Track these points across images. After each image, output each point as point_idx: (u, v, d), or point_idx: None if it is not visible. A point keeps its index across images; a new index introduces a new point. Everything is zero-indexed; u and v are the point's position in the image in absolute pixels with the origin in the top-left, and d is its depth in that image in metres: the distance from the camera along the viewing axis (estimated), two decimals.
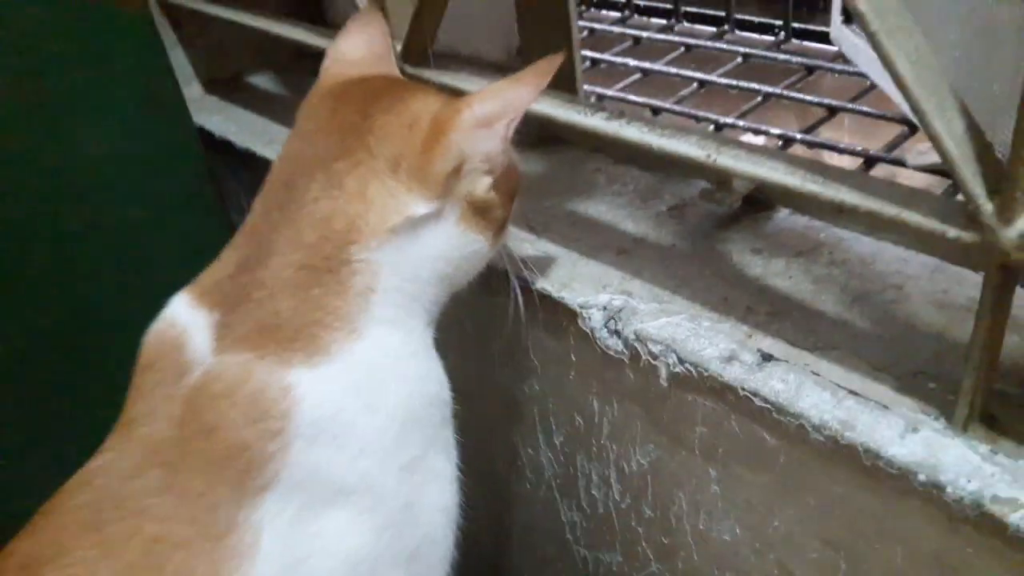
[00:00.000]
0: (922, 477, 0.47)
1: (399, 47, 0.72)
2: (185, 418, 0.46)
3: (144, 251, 0.80)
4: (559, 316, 0.66)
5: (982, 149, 0.42)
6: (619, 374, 0.64)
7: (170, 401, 0.47)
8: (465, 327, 0.76)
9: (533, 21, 0.82)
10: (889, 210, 0.46)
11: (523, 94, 0.51)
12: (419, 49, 0.70)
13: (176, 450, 0.46)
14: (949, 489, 0.46)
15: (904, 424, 0.50)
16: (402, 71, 0.70)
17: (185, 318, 0.50)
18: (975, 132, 0.42)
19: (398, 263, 0.51)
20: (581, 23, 1.38)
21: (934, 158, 0.72)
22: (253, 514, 0.46)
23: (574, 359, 0.68)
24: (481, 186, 0.53)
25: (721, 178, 0.70)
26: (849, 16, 0.92)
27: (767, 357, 0.56)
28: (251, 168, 0.96)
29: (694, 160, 0.54)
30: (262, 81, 1.14)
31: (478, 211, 0.54)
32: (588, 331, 0.64)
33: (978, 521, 0.45)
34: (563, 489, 0.79)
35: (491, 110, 0.50)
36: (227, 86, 1.10)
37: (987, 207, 0.41)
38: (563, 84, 0.81)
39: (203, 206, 0.83)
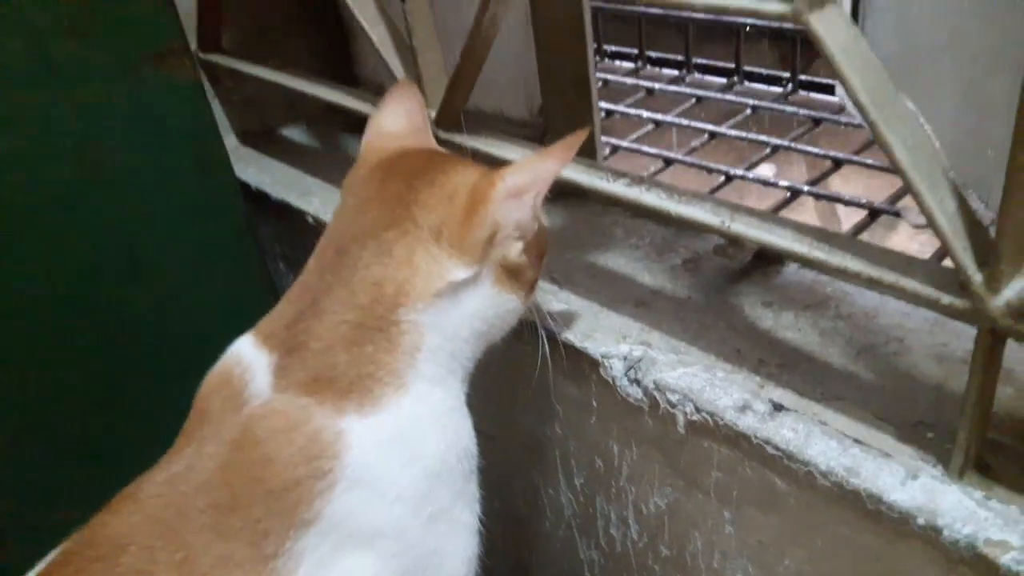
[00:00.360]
0: (921, 521, 0.51)
1: (433, 114, 0.77)
2: (244, 442, 0.51)
3: (189, 296, 0.85)
4: (582, 365, 0.71)
5: (972, 225, 0.47)
6: (638, 420, 0.68)
7: (232, 426, 0.52)
8: (491, 372, 0.80)
9: (555, 83, 0.87)
10: (888, 277, 0.50)
11: (551, 167, 0.56)
12: (451, 116, 0.76)
13: (239, 477, 0.51)
14: (946, 532, 0.50)
15: (904, 471, 0.54)
16: (436, 136, 0.75)
17: (249, 356, 0.56)
18: (965, 209, 0.47)
19: (441, 324, 0.56)
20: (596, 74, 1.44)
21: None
22: (296, 545, 0.51)
23: (595, 405, 0.72)
24: (514, 251, 0.58)
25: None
26: None
27: (778, 407, 0.61)
28: (285, 218, 1.01)
29: (709, 226, 0.59)
30: (293, 134, 1.20)
31: (511, 273, 0.59)
32: (609, 379, 0.69)
33: (973, 562, 0.49)
34: (582, 528, 0.83)
35: (522, 182, 0.56)
36: (260, 138, 1.16)
37: (976, 278, 0.46)
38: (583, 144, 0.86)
39: (244, 255, 0.88)
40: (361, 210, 0.58)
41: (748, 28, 1.35)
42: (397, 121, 0.67)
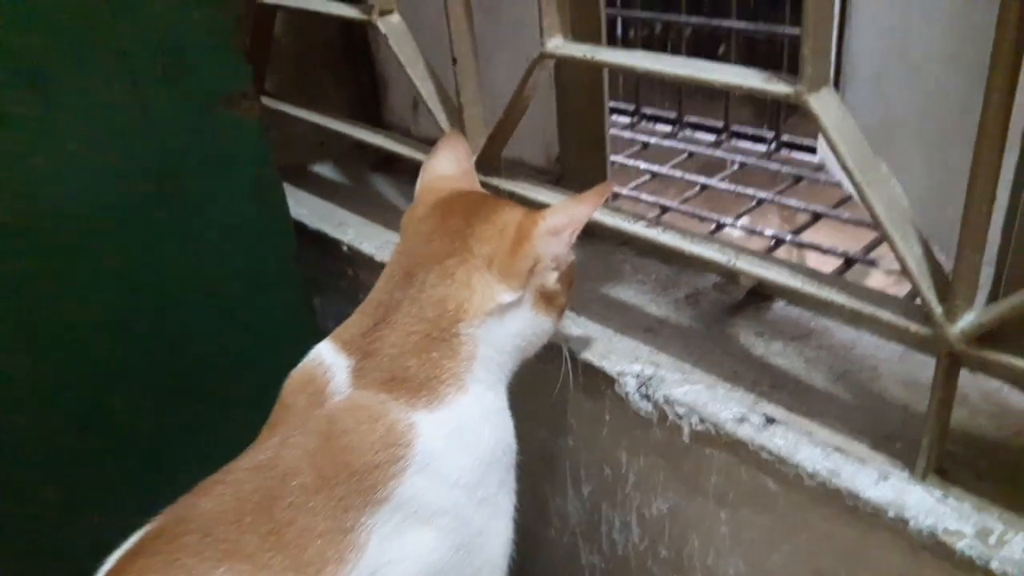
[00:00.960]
0: (891, 514, 0.61)
1: (474, 159, 0.88)
2: (332, 431, 0.60)
3: (244, 311, 0.94)
4: (598, 381, 0.81)
5: (934, 268, 0.58)
6: (647, 432, 0.78)
7: (318, 418, 0.62)
8: (510, 388, 0.90)
9: (573, 136, 0.99)
10: (867, 309, 0.61)
11: (584, 210, 0.67)
12: (490, 162, 0.87)
13: (327, 461, 0.60)
14: (912, 523, 0.60)
15: (877, 474, 0.64)
16: None
17: (330, 359, 0.65)
18: (930, 255, 0.58)
19: (491, 338, 0.66)
20: None
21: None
22: (370, 519, 0.60)
23: (608, 418, 0.82)
24: (550, 279, 0.69)
25: (732, 274, 0.86)
26: None
27: (770, 420, 0.71)
28: (320, 247, 1.11)
29: (717, 264, 0.70)
30: (323, 170, 1.30)
31: (547, 299, 0.69)
32: (623, 395, 0.79)
33: (934, 548, 0.60)
34: (586, 534, 0.92)
35: (559, 222, 0.67)
36: (293, 173, 1.26)
37: (937, 310, 0.57)
38: (597, 183, 0.98)
39: (292, 281, 0.98)
40: (425, 241, 0.68)
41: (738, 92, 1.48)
42: (449, 166, 0.77)
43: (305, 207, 1.16)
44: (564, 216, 0.67)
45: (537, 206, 0.82)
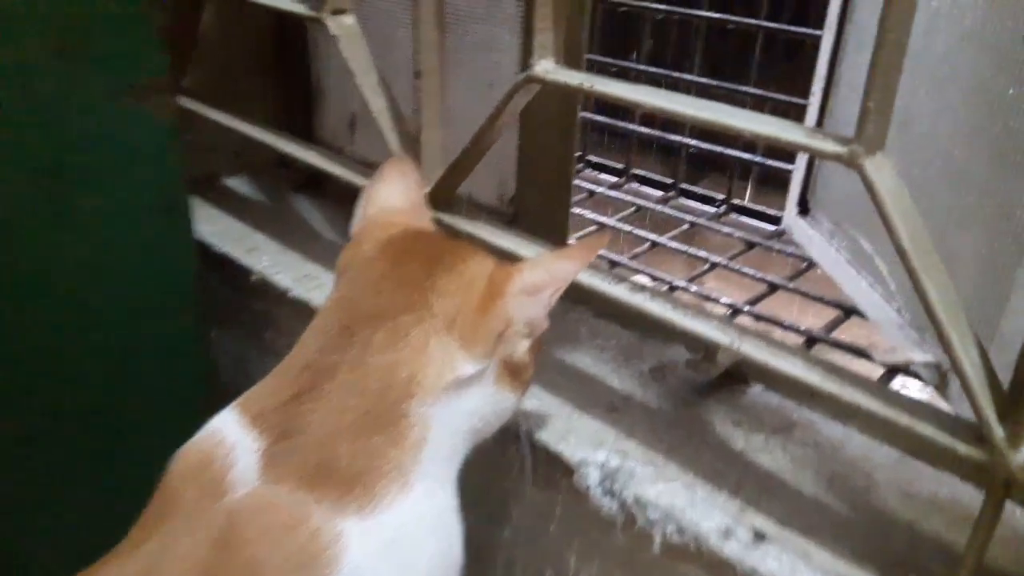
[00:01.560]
0: None
1: (426, 191, 0.75)
2: (231, 540, 0.45)
3: (125, 348, 0.78)
4: (553, 469, 0.68)
5: (992, 378, 0.48)
6: (607, 535, 0.66)
7: (213, 519, 0.46)
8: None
9: (534, 177, 0.88)
10: (903, 419, 0.51)
11: (569, 268, 0.55)
12: (445, 196, 0.74)
13: None
14: None
15: None
16: None
17: (234, 437, 0.50)
18: (986, 361, 0.49)
19: (446, 418, 0.52)
20: None
21: (897, 357, 0.80)
22: None
23: (559, 512, 0.70)
24: (520, 348, 0.56)
25: (709, 351, 0.76)
26: (804, 208, 1.02)
27: (760, 536, 0.60)
28: (224, 272, 0.95)
29: (718, 343, 0.59)
30: (237, 185, 1.14)
31: (512, 371, 0.56)
32: (582, 488, 0.66)
33: None
34: None
35: (539, 279, 0.54)
36: (201, 184, 1.10)
37: (998, 431, 0.47)
38: (556, 232, 0.86)
39: (187, 312, 0.82)
40: (372, 290, 0.54)
41: (690, 149, 1.41)
42: (396, 197, 0.64)
43: (211, 224, 1.00)
44: (545, 272, 0.54)
45: (499, 255, 0.69)
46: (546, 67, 0.61)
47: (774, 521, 0.62)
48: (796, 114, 1.10)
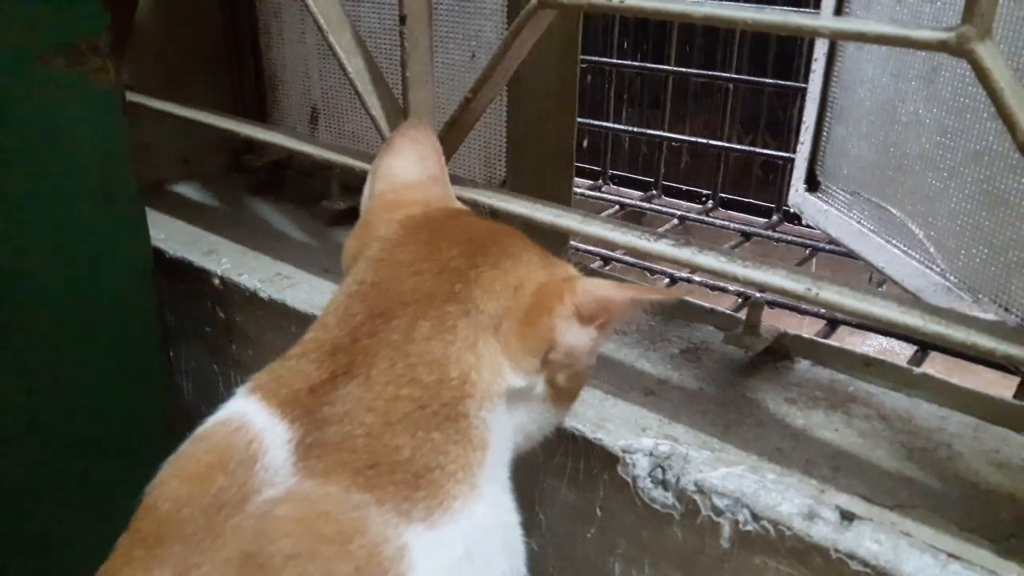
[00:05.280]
0: None
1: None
2: (264, 561, 0.34)
3: (74, 351, 0.66)
4: (591, 462, 0.59)
5: None
6: (661, 532, 0.56)
7: (239, 532, 0.35)
8: None
9: (526, 156, 0.79)
10: None
11: (632, 303, 0.45)
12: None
13: None
14: None
15: None
16: None
17: (261, 424, 0.39)
18: None
19: (499, 427, 0.44)
20: None
21: None
22: None
23: (600, 513, 0.60)
24: (560, 376, 0.47)
25: (751, 322, 0.67)
26: (813, 185, 0.95)
27: (848, 515, 0.51)
28: (181, 280, 0.84)
29: (792, 293, 0.50)
30: (187, 191, 1.03)
31: (557, 391, 0.48)
32: (629, 480, 0.57)
33: None
34: None
35: (595, 305, 0.44)
36: (147, 192, 0.98)
37: None
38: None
39: (144, 309, 0.71)
40: (407, 273, 0.45)
41: (673, 143, 1.35)
42: (409, 170, 0.55)
43: (162, 230, 0.89)
44: (604, 296, 0.44)
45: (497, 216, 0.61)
46: None
47: (859, 499, 0.53)
48: None
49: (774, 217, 1.22)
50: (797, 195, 0.97)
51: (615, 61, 1.48)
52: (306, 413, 0.39)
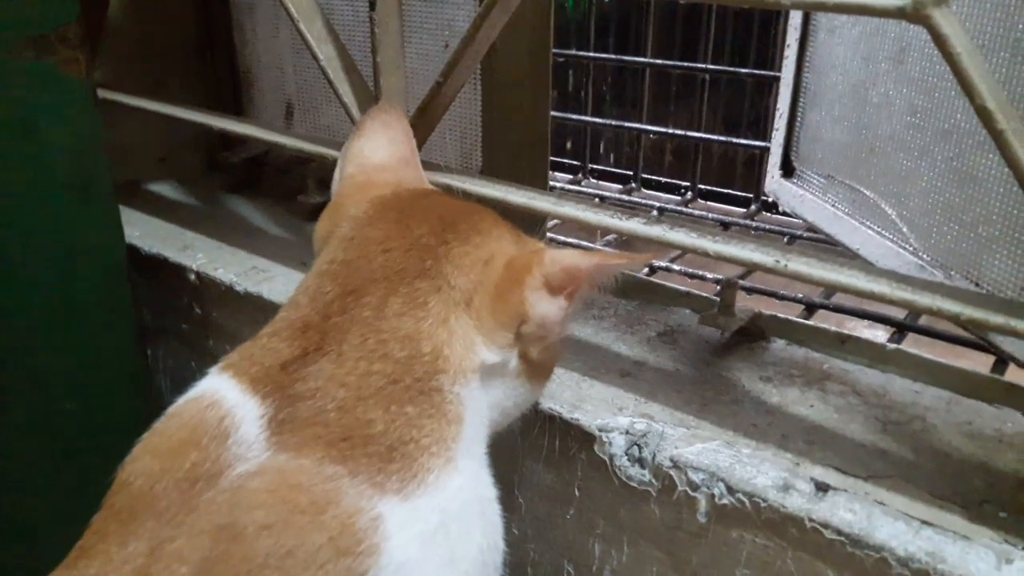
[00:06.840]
0: None
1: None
2: (237, 531, 0.34)
3: (49, 348, 0.65)
4: (568, 442, 0.59)
5: None
6: (638, 510, 0.57)
7: (212, 506, 0.35)
8: None
9: (502, 145, 0.79)
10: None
11: (603, 269, 0.45)
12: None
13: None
14: None
15: (994, 555, 0.46)
16: None
17: (233, 400, 0.39)
18: None
19: (475, 403, 0.44)
20: None
21: None
22: None
23: (578, 494, 0.60)
24: (533, 350, 0.48)
25: (726, 302, 0.68)
26: (788, 171, 0.96)
27: (823, 486, 0.51)
28: (157, 277, 0.83)
29: (761, 265, 0.50)
30: (163, 190, 1.02)
31: (531, 366, 0.48)
32: (605, 458, 0.57)
33: None
34: None
35: (564, 275, 0.45)
36: (123, 191, 0.98)
37: None
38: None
39: (119, 306, 0.70)
40: (377, 251, 0.45)
41: (652, 135, 1.35)
42: (379, 152, 0.55)
43: (137, 228, 0.88)
44: (572, 265, 0.45)
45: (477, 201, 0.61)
46: None
47: (835, 471, 0.54)
48: None
49: (752, 207, 1.23)
50: (773, 182, 0.98)
51: (592, 55, 1.48)
52: (278, 389, 0.39)
